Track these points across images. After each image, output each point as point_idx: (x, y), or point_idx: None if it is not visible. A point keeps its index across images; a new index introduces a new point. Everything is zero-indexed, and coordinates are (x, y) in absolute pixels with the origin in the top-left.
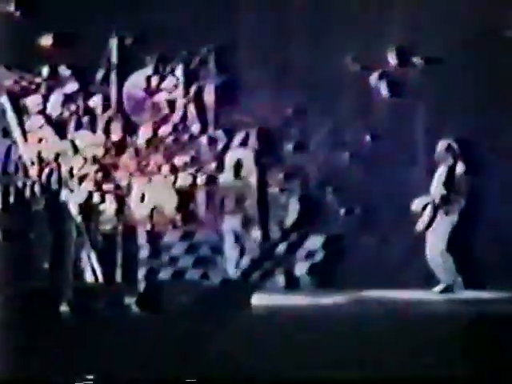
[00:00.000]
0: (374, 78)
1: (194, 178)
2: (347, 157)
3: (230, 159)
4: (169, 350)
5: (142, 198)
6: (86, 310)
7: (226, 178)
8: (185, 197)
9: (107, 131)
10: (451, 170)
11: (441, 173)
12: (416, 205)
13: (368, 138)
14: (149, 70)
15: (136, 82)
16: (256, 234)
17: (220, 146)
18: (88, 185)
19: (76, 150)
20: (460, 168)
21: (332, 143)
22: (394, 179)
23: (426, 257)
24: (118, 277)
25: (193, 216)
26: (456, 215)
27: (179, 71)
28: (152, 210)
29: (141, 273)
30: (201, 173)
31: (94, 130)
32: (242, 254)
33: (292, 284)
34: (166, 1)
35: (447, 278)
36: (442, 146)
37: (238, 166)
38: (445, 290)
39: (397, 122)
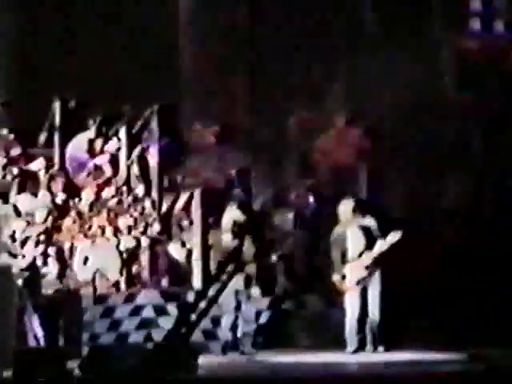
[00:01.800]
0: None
1: (138, 240)
2: (291, 217)
3: None
4: None
5: (85, 261)
6: (28, 375)
7: None
8: (128, 259)
9: (50, 194)
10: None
11: (359, 235)
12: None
13: (311, 199)
14: (91, 133)
15: (78, 145)
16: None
17: (164, 207)
18: (30, 248)
19: (18, 213)
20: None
21: (276, 204)
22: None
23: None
24: (61, 341)
25: (137, 278)
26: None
27: (122, 133)
28: (95, 272)
29: (85, 336)
30: (145, 235)
31: (35, 194)
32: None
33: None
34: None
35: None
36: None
37: None
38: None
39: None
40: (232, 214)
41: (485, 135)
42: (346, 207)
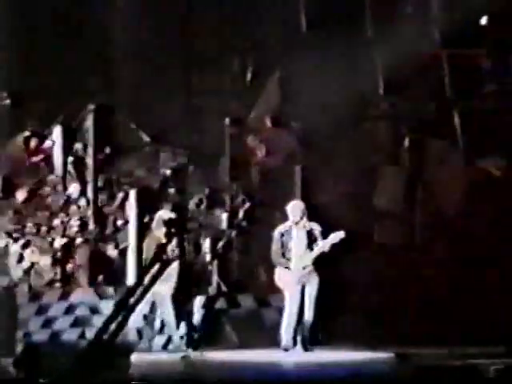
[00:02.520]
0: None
1: (73, 239)
2: (225, 217)
3: None
4: None
5: (20, 259)
6: None
7: None
8: (63, 258)
9: None
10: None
11: (300, 236)
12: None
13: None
14: (27, 132)
15: (15, 144)
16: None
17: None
18: None
19: None
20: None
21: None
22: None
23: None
24: None
25: (71, 277)
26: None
27: (57, 132)
28: (29, 270)
29: (19, 334)
30: (80, 234)
31: None
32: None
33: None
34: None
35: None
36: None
37: None
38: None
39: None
40: (162, 214)
41: (414, 136)
42: (295, 207)
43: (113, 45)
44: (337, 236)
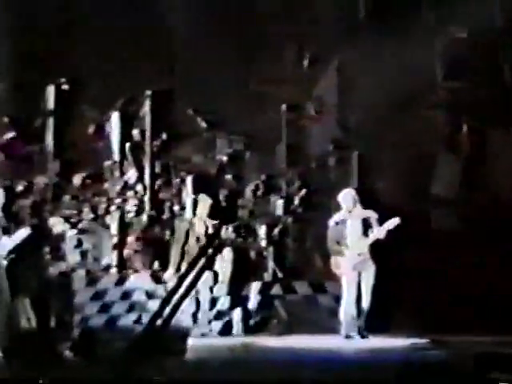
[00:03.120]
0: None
1: (130, 224)
2: (281, 204)
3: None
4: None
5: (78, 245)
6: (19, 357)
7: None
8: (120, 243)
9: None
10: (366, 220)
11: (354, 224)
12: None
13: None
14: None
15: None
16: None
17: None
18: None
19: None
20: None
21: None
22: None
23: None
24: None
25: (128, 262)
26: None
27: (115, 118)
28: (86, 255)
29: (75, 319)
30: (136, 219)
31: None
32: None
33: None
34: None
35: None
36: (346, 194)
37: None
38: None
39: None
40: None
41: (473, 123)
42: (346, 196)
43: (171, 31)
44: (392, 222)
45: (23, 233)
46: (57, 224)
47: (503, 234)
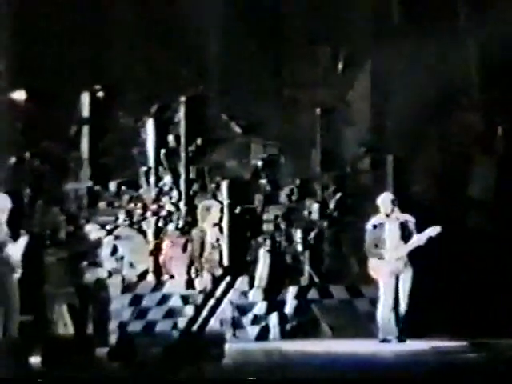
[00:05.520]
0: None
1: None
2: (316, 208)
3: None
4: None
5: (114, 252)
6: (57, 362)
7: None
8: (155, 249)
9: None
10: (405, 224)
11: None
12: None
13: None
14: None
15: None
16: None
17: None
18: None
19: None
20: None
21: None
22: (362, 230)
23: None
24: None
25: (163, 268)
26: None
27: (150, 124)
28: (122, 261)
29: (113, 325)
30: (171, 226)
31: None
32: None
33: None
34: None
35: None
36: (385, 198)
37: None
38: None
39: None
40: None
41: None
42: (385, 199)
43: (205, 37)
44: (434, 230)
45: (22, 241)
46: (93, 231)
47: None
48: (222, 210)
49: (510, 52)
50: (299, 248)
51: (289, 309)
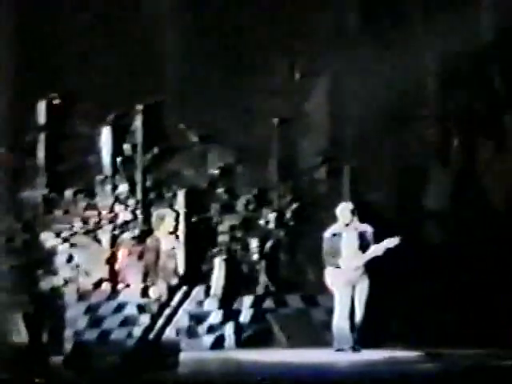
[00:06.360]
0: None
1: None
2: (273, 217)
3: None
4: None
5: (69, 260)
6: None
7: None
8: (111, 257)
9: None
10: (363, 234)
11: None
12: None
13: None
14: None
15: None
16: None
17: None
18: None
19: None
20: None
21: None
22: (318, 239)
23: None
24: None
25: (119, 276)
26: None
27: (106, 133)
28: (78, 270)
29: (68, 333)
30: (128, 233)
31: None
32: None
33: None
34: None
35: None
36: (344, 208)
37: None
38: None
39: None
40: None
41: (465, 136)
42: (344, 209)
43: (162, 45)
44: (391, 242)
45: None
46: (48, 239)
47: (494, 248)
48: (176, 219)
49: (467, 63)
50: (255, 257)
51: (244, 318)
